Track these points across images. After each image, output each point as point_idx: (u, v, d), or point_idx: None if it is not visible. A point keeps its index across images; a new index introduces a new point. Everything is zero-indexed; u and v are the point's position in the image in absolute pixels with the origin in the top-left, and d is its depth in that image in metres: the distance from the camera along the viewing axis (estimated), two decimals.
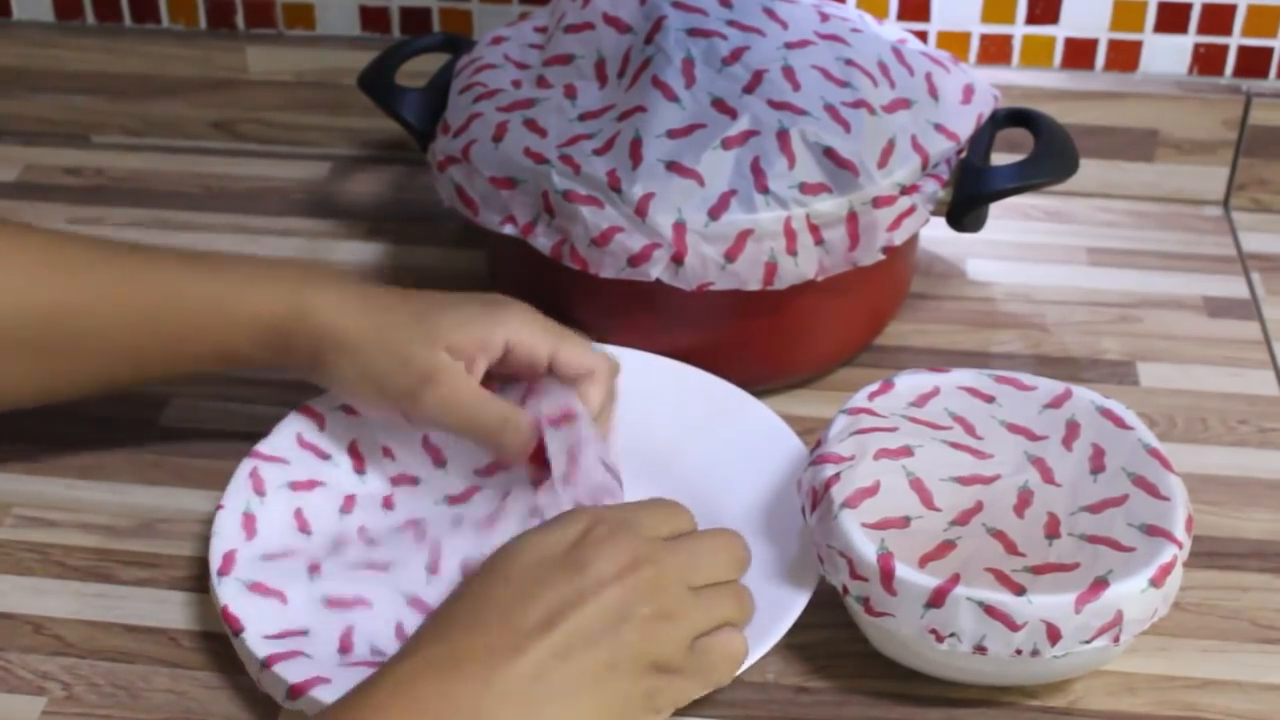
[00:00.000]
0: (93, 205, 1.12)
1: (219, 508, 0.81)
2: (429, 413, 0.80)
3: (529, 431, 0.80)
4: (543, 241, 0.88)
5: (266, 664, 0.73)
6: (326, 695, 0.71)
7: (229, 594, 0.77)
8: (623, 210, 0.86)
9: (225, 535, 0.80)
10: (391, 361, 0.80)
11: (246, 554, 0.79)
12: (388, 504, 0.84)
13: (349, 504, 0.84)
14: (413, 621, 0.77)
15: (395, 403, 0.81)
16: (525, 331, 0.81)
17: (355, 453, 0.86)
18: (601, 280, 0.87)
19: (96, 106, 1.18)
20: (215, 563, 0.78)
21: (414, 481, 0.86)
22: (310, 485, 0.84)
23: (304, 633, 0.76)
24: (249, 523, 0.81)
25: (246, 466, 0.83)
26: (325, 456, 0.85)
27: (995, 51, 1.11)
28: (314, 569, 0.79)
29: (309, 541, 0.81)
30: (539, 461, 0.81)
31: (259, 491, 0.82)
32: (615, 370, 0.84)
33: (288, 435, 0.85)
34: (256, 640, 0.74)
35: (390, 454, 0.86)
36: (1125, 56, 1.10)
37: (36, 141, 1.18)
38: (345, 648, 0.76)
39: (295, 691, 0.72)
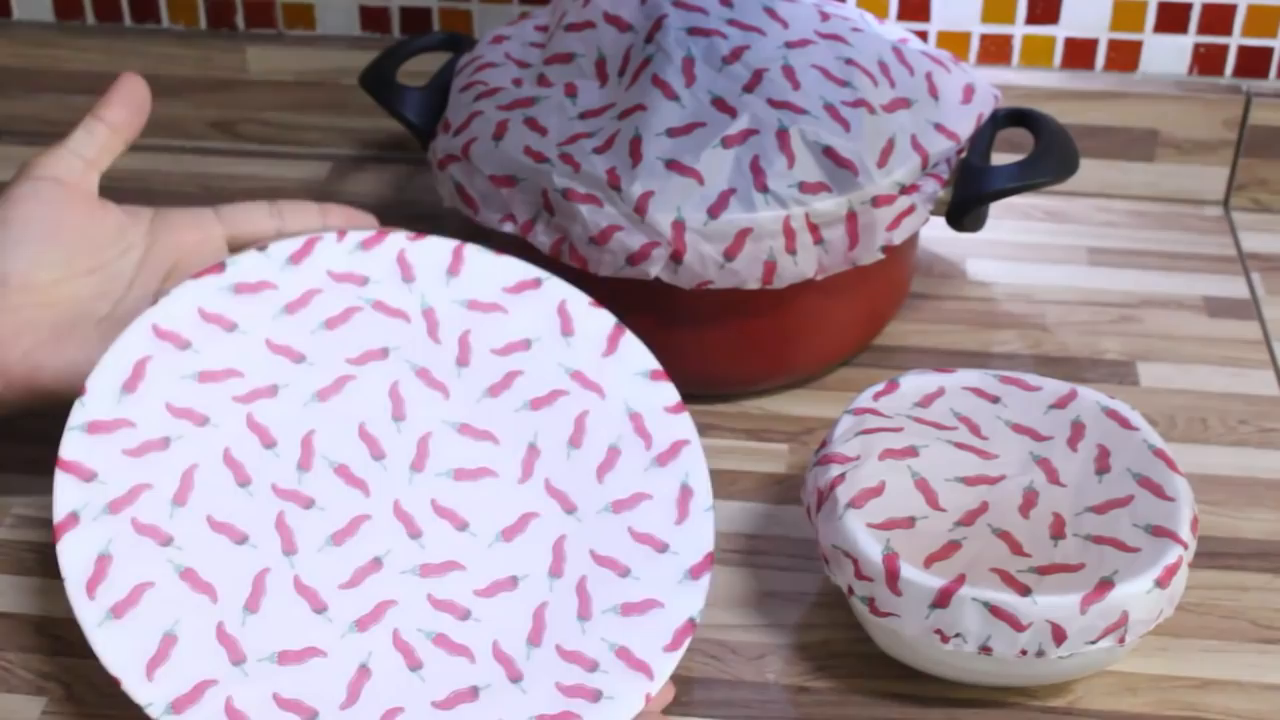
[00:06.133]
0: None
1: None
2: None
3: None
4: (542, 240, 0.88)
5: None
6: None
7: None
8: (622, 209, 0.85)
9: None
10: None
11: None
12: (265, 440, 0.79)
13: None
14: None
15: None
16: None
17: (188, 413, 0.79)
18: (600, 279, 0.87)
19: None
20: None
21: (272, 393, 0.80)
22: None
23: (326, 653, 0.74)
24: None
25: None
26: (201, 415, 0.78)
27: (995, 51, 1.11)
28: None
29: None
30: None
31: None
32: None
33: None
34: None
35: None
36: (1125, 56, 1.10)
37: (36, 141, 1.18)
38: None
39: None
